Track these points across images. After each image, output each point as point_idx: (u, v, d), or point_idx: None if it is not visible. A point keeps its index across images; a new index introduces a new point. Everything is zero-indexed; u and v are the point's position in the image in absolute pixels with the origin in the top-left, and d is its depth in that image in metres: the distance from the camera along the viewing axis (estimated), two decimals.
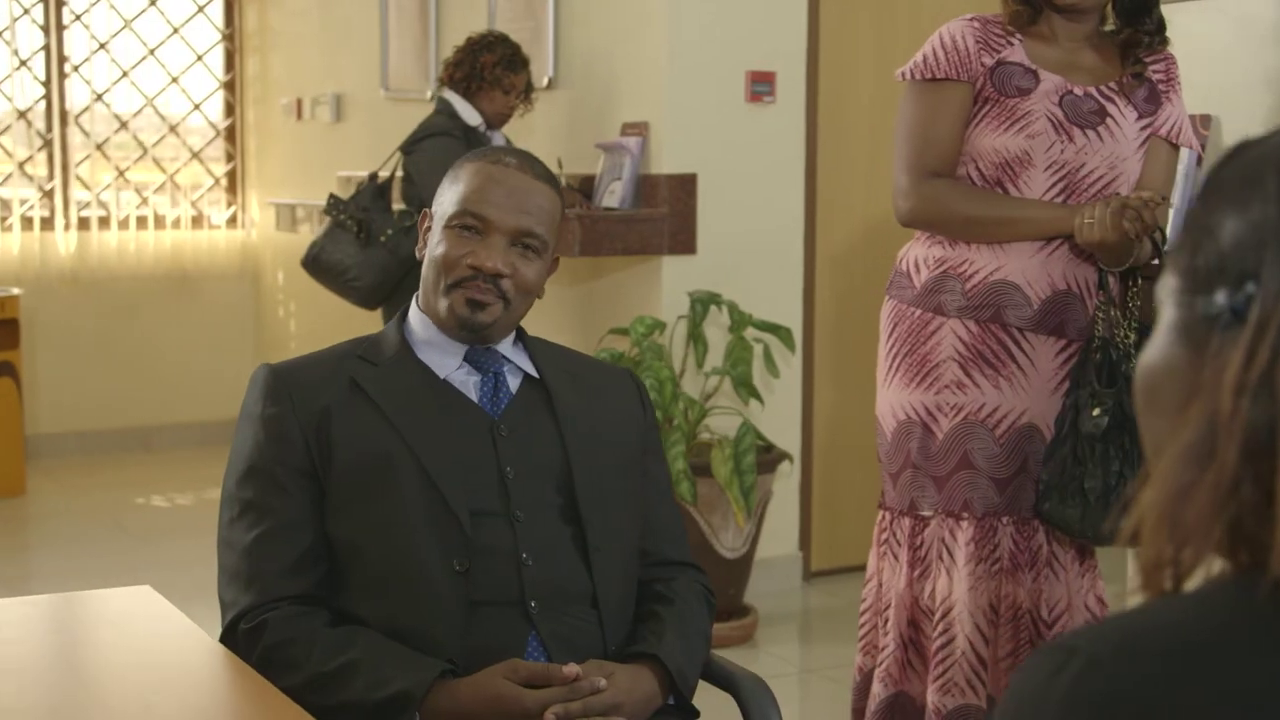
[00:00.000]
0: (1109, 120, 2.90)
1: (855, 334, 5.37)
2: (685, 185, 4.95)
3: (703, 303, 4.66)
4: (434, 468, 2.09)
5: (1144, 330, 2.88)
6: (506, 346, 2.24)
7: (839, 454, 5.41)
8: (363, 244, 4.81)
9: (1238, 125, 3.25)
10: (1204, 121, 3.20)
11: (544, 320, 5.45)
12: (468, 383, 2.20)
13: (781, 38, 5.11)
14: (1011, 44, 2.94)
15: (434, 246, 2.20)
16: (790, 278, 5.20)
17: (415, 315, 2.25)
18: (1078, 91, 2.91)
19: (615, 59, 5.16)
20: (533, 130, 5.36)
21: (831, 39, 5.24)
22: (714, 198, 5.01)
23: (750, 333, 4.80)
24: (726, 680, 2.21)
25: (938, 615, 2.93)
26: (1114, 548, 2.95)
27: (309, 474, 2.11)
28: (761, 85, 5.06)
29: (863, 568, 5.25)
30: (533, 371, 2.24)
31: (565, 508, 2.16)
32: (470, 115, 4.91)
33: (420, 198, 4.84)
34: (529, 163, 2.24)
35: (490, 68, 4.89)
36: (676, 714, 2.16)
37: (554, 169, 5.03)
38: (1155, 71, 2.97)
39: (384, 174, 4.99)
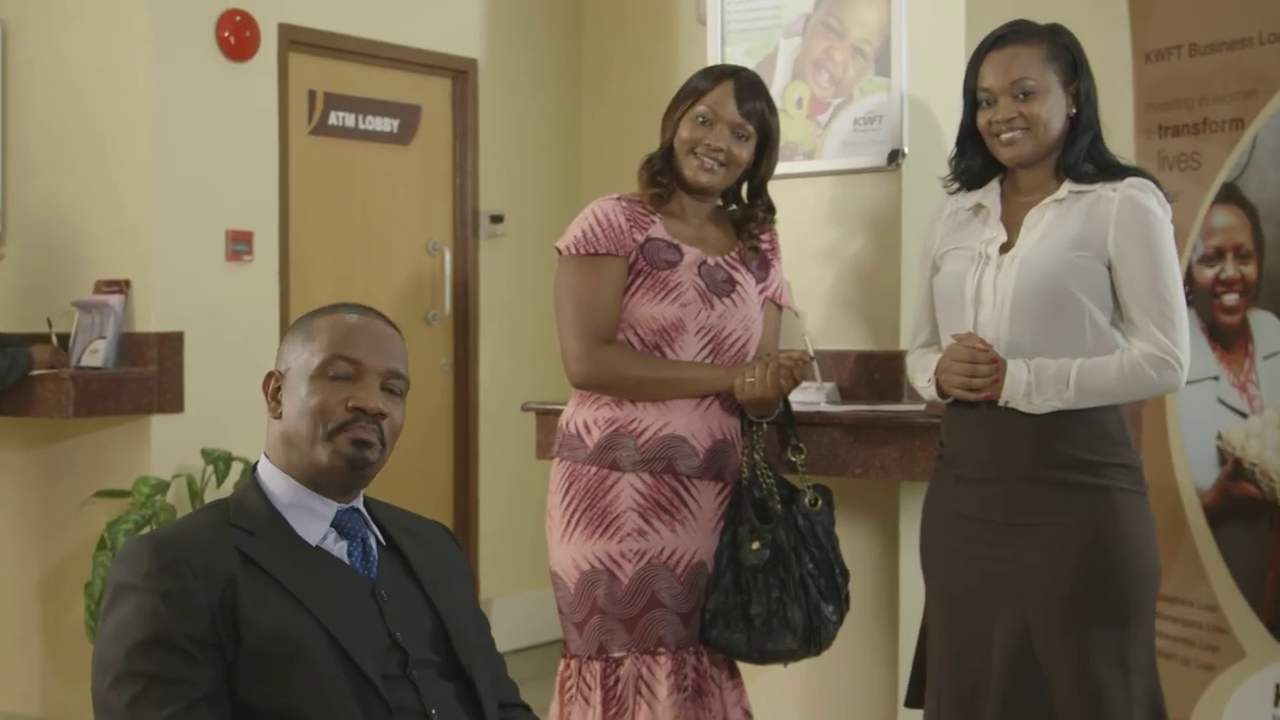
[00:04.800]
0: (738, 288, 3.29)
1: None
2: (173, 343, 4.90)
3: (223, 460, 4.63)
4: (343, 638, 2.14)
5: (772, 468, 3.28)
6: (361, 503, 2.30)
7: None
8: None
9: (799, 288, 3.73)
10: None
11: (7, 482, 5.16)
12: (340, 549, 2.25)
13: (256, 198, 5.18)
14: (653, 221, 3.27)
15: (302, 400, 2.22)
16: None
17: (275, 478, 2.25)
18: (710, 262, 3.28)
19: (84, 216, 5.01)
20: None
21: (299, 199, 5.37)
22: (200, 355, 4.98)
23: None
24: None
25: None
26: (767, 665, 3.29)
27: (215, 645, 2.08)
28: (240, 244, 5.10)
29: None
30: (381, 538, 2.31)
31: (443, 665, 2.26)
32: None
33: None
34: (374, 313, 2.32)
35: None
36: None
37: (44, 328, 4.87)
38: (764, 242, 3.39)
39: None
